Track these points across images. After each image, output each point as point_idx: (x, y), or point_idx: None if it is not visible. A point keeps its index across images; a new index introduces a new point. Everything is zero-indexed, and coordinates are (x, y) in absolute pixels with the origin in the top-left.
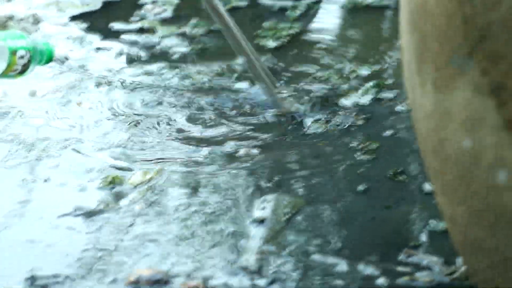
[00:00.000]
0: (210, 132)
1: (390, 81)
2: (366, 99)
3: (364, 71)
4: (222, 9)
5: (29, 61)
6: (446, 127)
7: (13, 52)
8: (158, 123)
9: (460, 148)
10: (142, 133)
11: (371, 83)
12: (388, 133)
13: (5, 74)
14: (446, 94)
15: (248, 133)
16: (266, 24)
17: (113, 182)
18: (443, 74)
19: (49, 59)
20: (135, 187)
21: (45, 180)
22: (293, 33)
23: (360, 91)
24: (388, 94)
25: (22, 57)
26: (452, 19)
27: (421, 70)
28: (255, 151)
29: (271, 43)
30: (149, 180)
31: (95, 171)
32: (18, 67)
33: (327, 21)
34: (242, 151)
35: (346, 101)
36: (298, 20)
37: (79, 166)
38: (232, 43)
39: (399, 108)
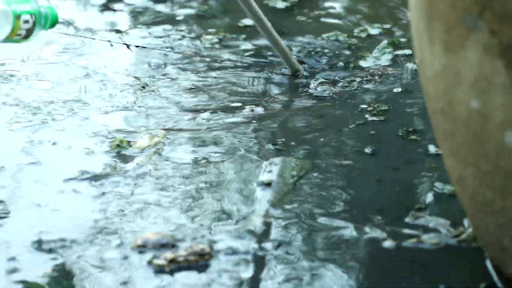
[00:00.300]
0: (216, 92)
1: (403, 40)
2: (383, 59)
3: (375, 31)
4: None
5: (34, 25)
6: (456, 87)
7: (18, 17)
8: (163, 87)
9: (469, 109)
10: (148, 97)
11: (385, 42)
12: (398, 93)
13: (10, 39)
14: (455, 54)
15: (256, 92)
16: None
17: (120, 146)
18: (452, 33)
19: (54, 23)
20: (142, 150)
21: (52, 143)
22: None
23: (375, 51)
24: (404, 51)
25: (26, 21)
26: None
27: (430, 29)
28: (260, 110)
29: (280, 4)
30: (156, 143)
31: (101, 135)
32: (23, 32)
33: None
34: (247, 109)
35: (362, 63)
36: None
37: (85, 130)
38: (244, 4)
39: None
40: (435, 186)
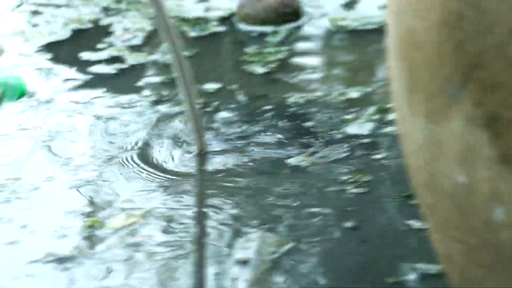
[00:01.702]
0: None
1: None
2: (365, 128)
3: (354, 94)
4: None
5: (2, 97)
6: (439, 159)
7: None
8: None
9: (454, 182)
10: (116, 170)
11: (372, 109)
12: (382, 163)
13: None
14: (438, 125)
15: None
16: (249, 50)
17: (92, 227)
18: (434, 104)
19: (22, 94)
20: (116, 231)
21: (21, 224)
22: (280, 58)
23: (361, 119)
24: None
25: None
26: (442, 46)
27: (411, 100)
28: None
29: (259, 69)
30: (131, 224)
31: (72, 214)
32: None
33: (311, 45)
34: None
35: (344, 129)
36: (280, 45)
37: (55, 208)
38: (179, 79)
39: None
40: (419, 265)
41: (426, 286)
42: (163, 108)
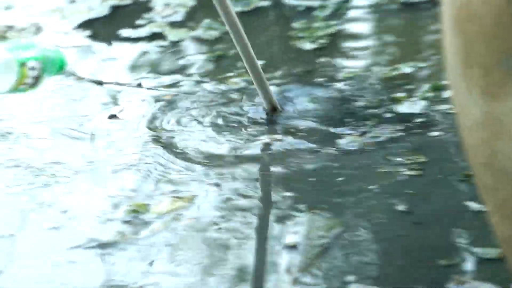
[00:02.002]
0: (244, 150)
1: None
2: (419, 106)
3: (407, 69)
4: (231, 8)
5: (41, 72)
6: (499, 137)
7: (22, 64)
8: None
9: None
10: (162, 153)
11: (426, 86)
12: (437, 144)
13: (16, 89)
14: (496, 100)
15: (276, 143)
16: (296, 25)
17: (136, 211)
18: (492, 78)
19: (61, 67)
20: (161, 216)
21: (62, 209)
22: (330, 32)
23: (414, 97)
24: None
25: (33, 68)
26: (500, 18)
27: (467, 75)
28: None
29: (308, 45)
30: (176, 209)
31: (115, 198)
32: (29, 80)
33: (361, 19)
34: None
35: (397, 107)
36: (329, 20)
37: (97, 192)
38: (239, 46)
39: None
40: (477, 248)
41: (483, 271)
42: (209, 87)
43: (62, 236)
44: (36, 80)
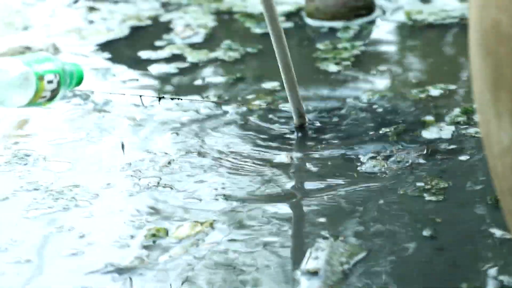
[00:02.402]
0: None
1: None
2: (446, 130)
3: (436, 92)
4: (277, 16)
5: (59, 85)
6: None
7: (40, 77)
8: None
9: None
10: (178, 175)
11: (457, 110)
12: (463, 170)
13: (33, 102)
14: None
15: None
16: (320, 46)
17: (156, 235)
18: None
19: (79, 81)
20: (180, 241)
21: (79, 234)
22: (355, 54)
23: (443, 121)
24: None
25: (50, 81)
26: None
27: (496, 100)
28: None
29: (333, 67)
30: (197, 233)
31: (134, 222)
32: (47, 93)
33: (386, 40)
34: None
35: (423, 131)
36: (353, 41)
37: (115, 216)
38: (280, 55)
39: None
40: (502, 277)
41: None
42: (230, 110)
43: (80, 262)
44: (54, 94)
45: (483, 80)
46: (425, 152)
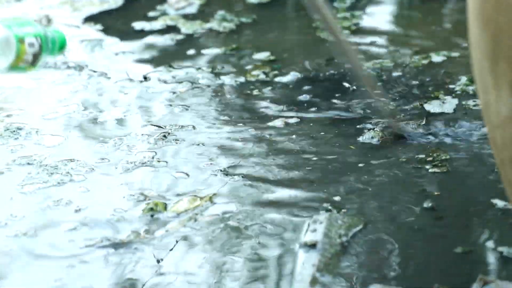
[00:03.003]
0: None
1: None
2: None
3: (437, 58)
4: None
5: (40, 50)
6: None
7: (21, 40)
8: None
9: None
10: (170, 147)
11: (464, 79)
12: (463, 143)
13: (15, 66)
14: None
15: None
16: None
17: (154, 209)
18: None
19: (62, 46)
20: (178, 215)
21: (76, 208)
22: (356, 23)
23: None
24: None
25: (31, 44)
26: None
27: (495, 71)
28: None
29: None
30: (195, 207)
31: (133, 195)
32: (29, 57)
33: (384, 8)
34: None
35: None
36: (351, 10)
37: (113, 190)
38: (332, 37)
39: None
40: (502, 248)
41: (507, 269)
42: (227, 79)
43: (76, 236)
44: (36, 58)
45: (482, 50)
46: (423, 122)
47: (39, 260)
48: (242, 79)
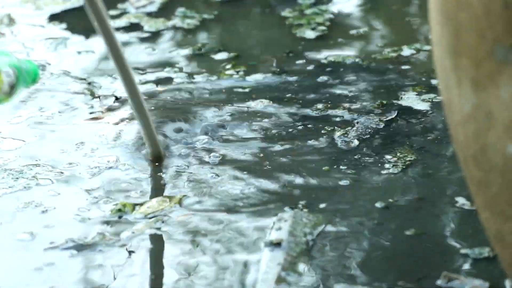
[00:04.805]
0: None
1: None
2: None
3: (407, 52)
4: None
5: (17, 80)
6: (488, 131)
7: None
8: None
9: (505, 155)
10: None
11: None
12: (422, 141)
13: None
14: (486, 92)
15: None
16: (285, 13)
17: (122, 210)
18: (483, 69)
19: (35, 78)
20: (145, 216)
21: (42, 210)
22: (328, 19)
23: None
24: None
25: (8, 74)
26: (491, 5)
27: (456, 67)
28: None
29: (310, 33)
30: (163, 209)
31: (100, 197)
32: (6, 87)
33: (348, 5)
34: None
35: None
36: (316, 6)
37: (77, 194)
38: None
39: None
40: (468, 246)
41: (476, 271)
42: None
43: (42, 238)
44: (12, 89)
45: (443, 47)
46: (394, 116)
47: (5, 261)
48: (214, 78)
